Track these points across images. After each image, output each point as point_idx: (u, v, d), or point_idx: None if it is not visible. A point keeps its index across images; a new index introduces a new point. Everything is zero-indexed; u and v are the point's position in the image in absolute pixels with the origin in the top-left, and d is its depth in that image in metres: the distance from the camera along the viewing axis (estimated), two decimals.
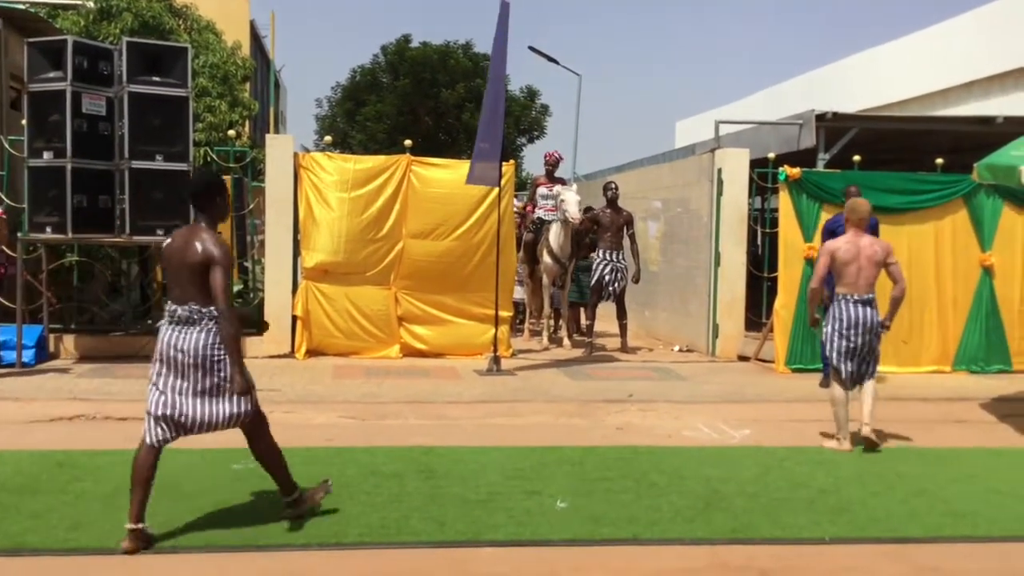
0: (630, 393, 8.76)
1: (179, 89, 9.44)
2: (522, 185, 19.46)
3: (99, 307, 10.89)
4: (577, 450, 6.67)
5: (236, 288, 11.24)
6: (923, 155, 12.70)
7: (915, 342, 10.43)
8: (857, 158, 10.95)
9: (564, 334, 11.99)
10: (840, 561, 4.70)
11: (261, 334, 10.14)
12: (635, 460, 6.42)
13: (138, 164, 9.20)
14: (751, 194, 11.29)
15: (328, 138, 15.71)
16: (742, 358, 10.98)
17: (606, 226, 11.28)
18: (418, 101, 36.67)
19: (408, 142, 10.87)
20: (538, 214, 11.92)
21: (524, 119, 37.70)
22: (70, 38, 9.47)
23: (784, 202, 10.28)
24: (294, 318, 10.39)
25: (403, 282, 10.46)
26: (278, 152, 10.56)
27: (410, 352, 10.53)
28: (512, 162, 10.94)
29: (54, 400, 7.89)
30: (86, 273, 11.00)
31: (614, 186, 11.45)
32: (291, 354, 10.33)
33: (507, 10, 9.53)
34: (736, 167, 11.10)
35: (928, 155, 11.76)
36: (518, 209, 12.18)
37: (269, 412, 7.67)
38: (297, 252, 10.49)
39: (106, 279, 11.41)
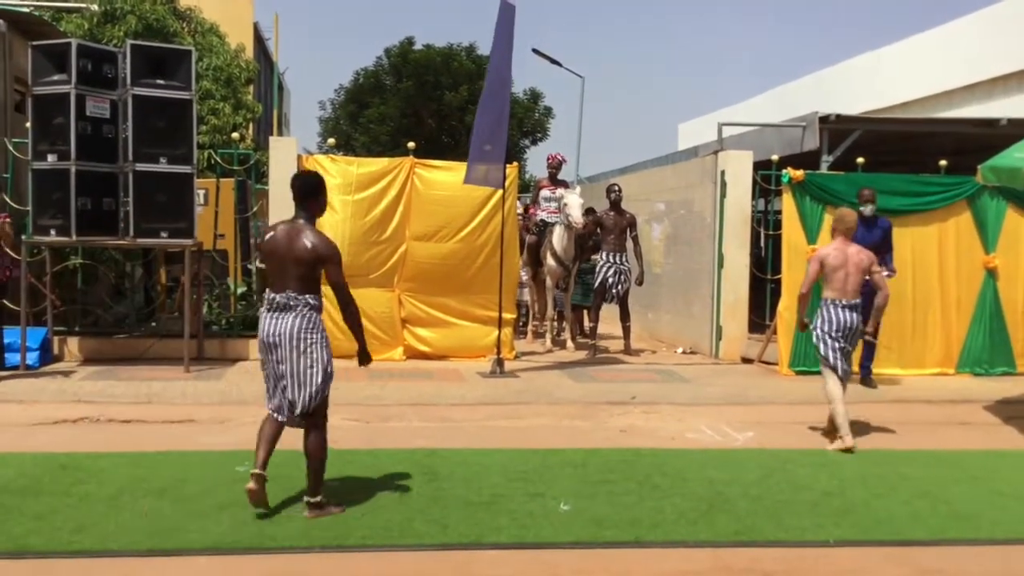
0: (633, 395, 8.76)
1: (183, 92, 9.45)
2: (525, 187, 19.48)
3: (103, 310, 10.90)
4: (580, 452, 6.67)
5: (240, 291, 11.25)
6: (927, 157, 12.67)
7: (919, 344, 10.41)
8: (860, 160, 10.95)
9: (567, 336, 11.99)
10: (844, 563, 4.70)
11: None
12: (638, 462, 6.42)
13: (142, 167, 9.21)
14: (754, 196, 11.29)
15: (331, 140, 15.69)
16: (745, 360, 10.97)
17: (609, 228, 11.28)
18: (421, 103, 36.72)
19: (411, 144, 10.87)
20: (541, 216, 11.91)
21: (527, 121, 37.75)
22: (74, 41, 9.48)
23: (787, 204, 10.27)
24: None
25: (407, 284, 10.46)
26: (282, 154, 10.56)
27: (414, 354, 10.52)
28: (515, 164, 10.94)
29: (58, 402, 7.90)
30: (90, 276, 11.01)
31: (617, 188, 11.45)
32: None
33: (512, 11, 9.48)
34: (739, 169, 11.09)
35: (932, 157, 11.74)
36: (520, 211, 12.17)
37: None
38: None
39: (110, 282, 11.42)
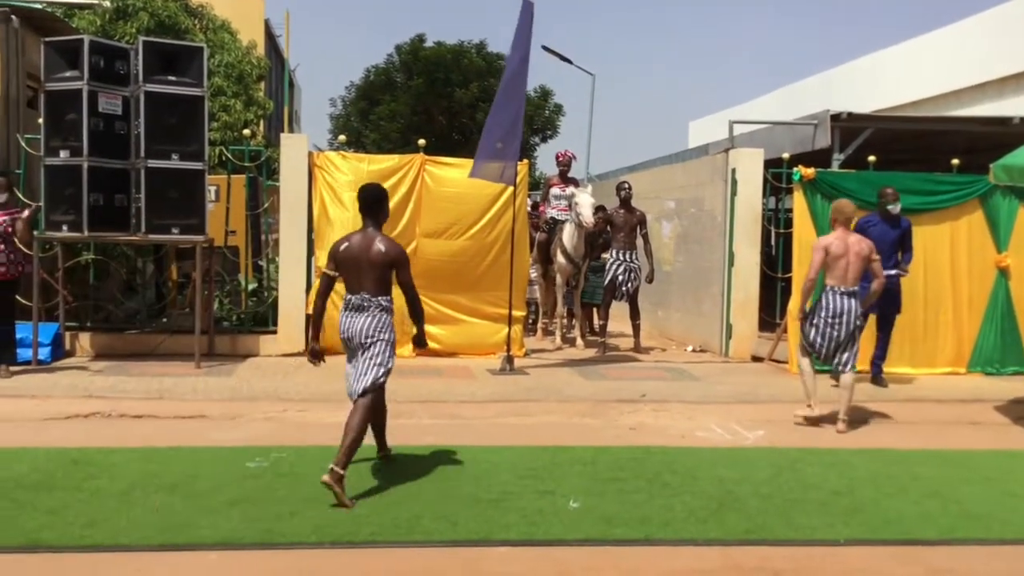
0: (643, 393, 8.75)
1: (195, 88, 9.47)
2: (535, 185, 19.46)
3: (115, 305, 10.94)
4: (590, 450, 6.67)
5: (251, 287, 11.28)
6: (938, 156, 12.63)
7: (930, 343, 10.37)
8: (872, 158, 10.91)
9: (577, 334, 11.99)
10: (853, 563, 4.69)
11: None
12: (648, 460, 6.42)
13: (154, 163, 9.24)
14: (765, 194, 11.25)
15: (342, 137, 15.74)
16: (755, 359, 10.95)
17: (619, 226, 11.26)
18: (432, 101, 36.71)
19: (422, 141, 10.88)
20: (551, 214, 11.91)
21: (537, 119, 37.68)
22: (87, 37, 9.51)
23: (798, 202, 10.24)
24: (308, 317, 10.41)
25: (416, 281, 10.40)
26: (292, 151, 10.59)
27: (423, 351, 10.51)
28: (525, 162, 10.95)
29: (70, 397, 7.93)
30: (102, 271, 11.06)
31: (627, 186, 11.43)
32: (305, 353, 10.35)
33: (531, 10, 9.47)
34: (750, 167, 11.07)
35: (943, 156, 11.70)
36: (529, 208, 12.16)
37: (283, 411, 7.79)
38: (311, 251, 10.52)
39: (122, 277, 11.46)
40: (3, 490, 5.35)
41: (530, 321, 12.62)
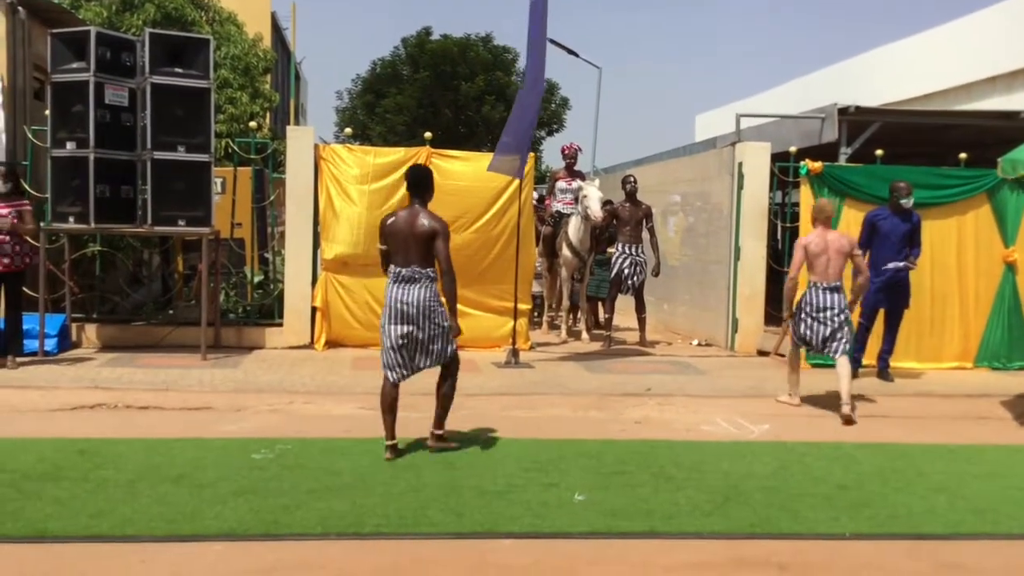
0: (648, 387, 8.75)
1: (201, 80, 9.48)
2: (541, 178, 19.44)
3: (121, 297, 10.96)
4: (595, 443, 6.67)
5: (257, 279, 11.29)
6: (946, 150, 12.57)
7: (936, 338, 10.35)
8: (879, 152, 10.86)
9: (582, 328, 11.98)
10: (859, 557, 4.68)
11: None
12: (653, 454, 6.41)
13: (160, 155, 9.26)
14: (772, 188, 11.23)
15: (348, 130, 15.68)
16: (761, 353, 10.92)
17: (625, 220, 11.23)
18: (438, 93, 36.71)
19: (428, 134, 10.87)
20: (556, 207, 11.89)
21: (543, 112, 37.66)
22: (93, 29, 9.52)
23: (805, 196, 10.20)
24: (314, 309, 10.43)
25: None
26: (298, 144, 10.59)
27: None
28: (531, 155, 10.92)
29: (76, 389, 7.96)
30: (108, 263, 11.08)
31: (633, 179, 11.40)
32: (310, 345, 10.38)
33: (541, 5, 9.43)
34: (757, 161, 11.04)
35: (951, 150, 11.65)
36: (535, 201, 12.15)
37: (288, 403, 7.80)
38: (317, 244, 10.52)
39: (128, 269, 11.48)
40: (10, 480, 5.36)
41: (535, 315, 12.61)
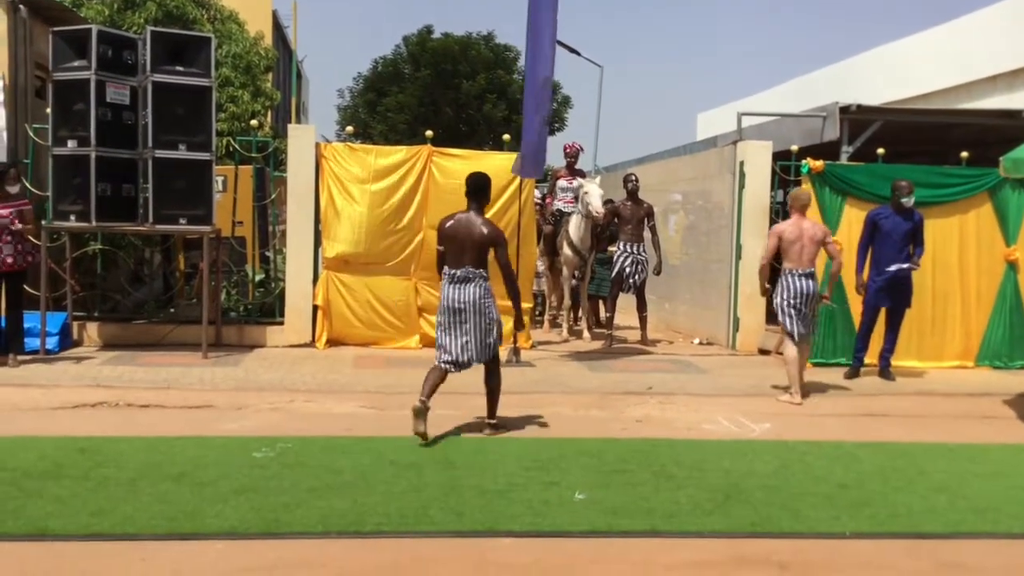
0: (649, 386, 8.75)
1: (202, 79, 9.48)
2: (543, 177, 19.40)
3: (122, 295, 10.97)
4: (596, 442, 6.67)
5: (258, 277, 11.29)
6: (947, 148, 12.57)
7: (938, 337, 10.35)
8: (881, 151, 10.85)
9: (584, 326, 11.97)
10: (860, 556, 4.68)
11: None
12: (654, 452, 6.41)
13: (161, 153, 9.26)
14: (773, 187, 11.21)
15: (349, 128, 15.74)
16: (762, 352, 10.93)
17: (626, 218, 11.22)
18: (439, 92, 36.72)
19: (429, 133, 10.87)
20: (557, 206, 11.89)
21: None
22: (95, 27, 9.52)
23: None
24: (315, 308, 10.43)
25: (423, 273, 10.45)
26: (300, 142, 10.59)
27: (430, 342, 10.43)
28: None
29: (77, 387, 7.96)
30: (109, 261, 11.08)
31: (634, 178, 11.39)
32: (311, 344, 10.38)
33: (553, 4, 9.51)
34: (758, 159, 11.03)
35: (953, 149, 11.64)
36: (537, 200, 12.14)
37: (289, 401, 7.80)
38: (318, 242, 10.52)
39: (129, 267, 11.48)
40: (11, 478, 5.37)
41: (537, 313, 12.60)
